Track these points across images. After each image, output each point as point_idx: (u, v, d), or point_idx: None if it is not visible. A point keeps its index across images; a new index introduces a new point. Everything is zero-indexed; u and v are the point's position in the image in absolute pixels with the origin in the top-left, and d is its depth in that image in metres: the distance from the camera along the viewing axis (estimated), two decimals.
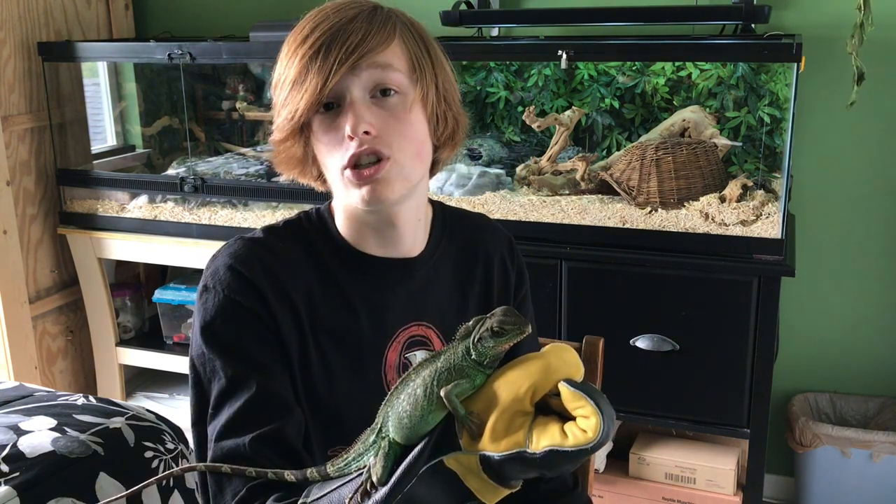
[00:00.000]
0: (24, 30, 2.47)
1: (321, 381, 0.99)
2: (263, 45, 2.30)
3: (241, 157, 2.61)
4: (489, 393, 0.74)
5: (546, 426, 0.71)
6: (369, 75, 0.92)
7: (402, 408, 0.76)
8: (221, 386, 0.93)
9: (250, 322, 0.95)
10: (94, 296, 2.61)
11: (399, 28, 0.96)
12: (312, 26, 0.93)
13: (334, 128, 0.94)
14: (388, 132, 0.93)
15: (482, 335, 0.75)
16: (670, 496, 2.16)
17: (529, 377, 0.72)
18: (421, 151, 0.98)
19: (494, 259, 1.14)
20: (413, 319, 1.05)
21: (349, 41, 0.91)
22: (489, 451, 0.72)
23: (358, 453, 0.81)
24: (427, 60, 0.98)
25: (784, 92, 2.03)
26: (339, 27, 0.92)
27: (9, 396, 1.58)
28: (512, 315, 0.75)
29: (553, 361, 0.73)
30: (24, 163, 2.50)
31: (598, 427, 0.68)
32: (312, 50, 0.92)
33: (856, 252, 2.31)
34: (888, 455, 2.13)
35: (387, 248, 1.04)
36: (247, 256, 0.97)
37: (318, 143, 0.97)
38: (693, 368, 1.99)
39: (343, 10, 0.94)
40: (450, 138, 1.02)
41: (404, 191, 0.97)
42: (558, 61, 1.98)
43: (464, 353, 0.75)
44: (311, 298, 0.99)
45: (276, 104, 0.99)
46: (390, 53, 0.94)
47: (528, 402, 0.72)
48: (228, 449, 0.90)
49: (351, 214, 1.03)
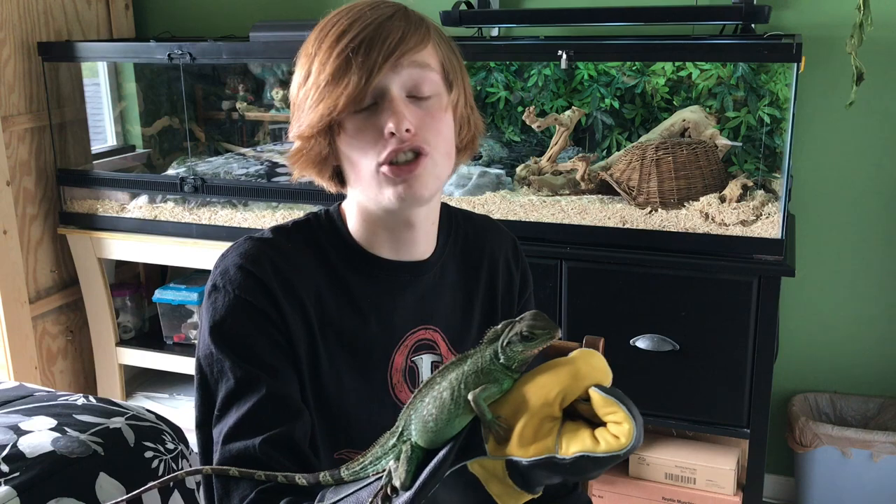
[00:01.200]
0: (24, 30, 2.47)
1: (329, 383, 0.98)
2: (263, 45, 2.30)
3: (241, 157, 2.61)
4: (517, 397, 0.72)
5: (576, 432, 0.70)
6: (409, 74, 0.92)
7: (426, 411, 0.75)
8: (230, 387, 0.91)
9: (261, 322, 0.94)
10: (94, 296, 2.61)
11: (432, 30, 0.96)
12: (349, 22, 0.92)
13: (370, 126, 0.92)
14: (425, 130, 0.93)
15: (511, 339, 0.73)
16: (670, 496, 2.16)
17: (559, 382, 0.71)
18: (451, 152, 0.99)
19: (499, 261, 1.13)
20: (420, 323, 1.05)
21: (391, 38, 0.91)
22: (517, 457, 0.71)
23: (375, 457, 0.80)
24: (457, 63, 0.99)
25: (784, 92, 2.03)
26: (380, 24, 0.92)
27: (9, 396, 1.58)
28: (542, 319, 0.74)
29: (582, 367, 0.72)
30: (24, 163, 2.50)
31: (630, 433, 0.68)
32: (353, 45, 0.90)
33: (856, 252, 2.31)
34: (888, 455, 2.13)
35: (399, 252, 1.03)
36: (257, 256, 0.96)
37: (349, 142, 0.95)
38: (693, 368, 1.99)
39: (379, 9, 0.94)
40: (470, 142, 1.03)
41: (435, 189, 0.97)
42: (558, 61, 1.98)
43: (492, 356, 0.74)
44: (321, 300, 0.98)
45: (299, 103, 0.96)
46: (427, 53, 0.94)
47: (557, 408, 0.71)
48: (237, 451, 0.88)
49: (367, 216, 1.02)
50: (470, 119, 1.01)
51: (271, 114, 2.60)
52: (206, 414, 0.95)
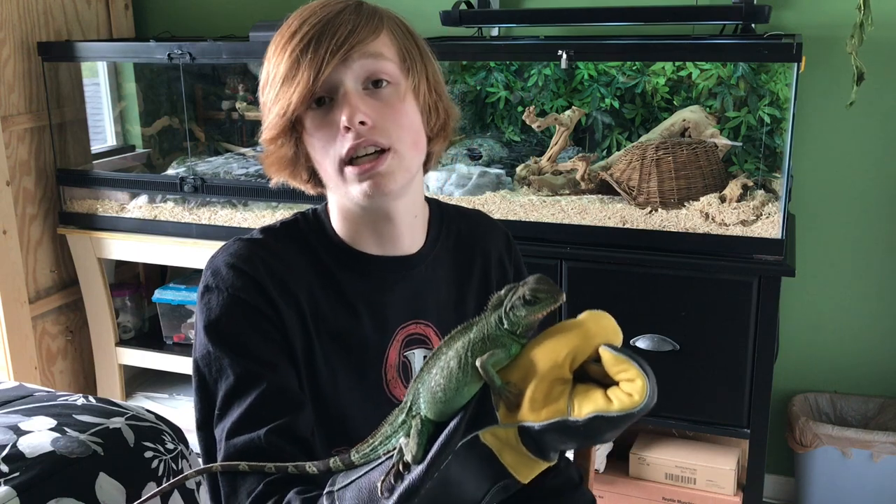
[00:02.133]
0: (24, 30, 2.47)
1: (325, 379, 0.98)
2: (263, 45, 2.27)
3: (241, 157, 2.61)
4: (526, 362, 0.71)
5: (588, 393, 0.68)
6: (361, 66, 0.92)
7: (434, 382, 0.73)
8: (230, 384, 0.91)
9: (256, 319, 0.93)
10: (93, 296, 2.61)
11: (386, 20, 0.96)
12: (300, 22, 0.93)
13: (328, 123, 0.93)
14: (384, 122, 0.92)
15: (514, 303, 0.72)
16: (670, 496, 2.16)
17: (568, 343, 0.70)
18: (418, 141, 0.98)
19: (492, 256, 1.13)
20: (412, 318, 1.05)
21: (339, 33, 0.91)
22: (529, 422, 0.69)
23: (385, 436, 0.78)
24: (416, 51, 0.98)
25: (784, 92, 2.03)
26: (328, 20, 0.92)
27: (9, 396, 1.58)
28: (545, 283, 0.72)
29: (592, 327, 0.70)
30: (24, 163, 2.49)
31: (644, 389, 0.67)
32: (302, 44, 0.91)
33: (856, 252, 2.30)
34: (888, 455, 2.13)
35: (384, 247, 1.03)
36: (248, 256, 0.96)
37: (311, 141, 0.95)
38: (693, 368, 1.99)
39: (329, 6, 0.94)
40: (442, 129, 1.02)
41: (405, 182, 0.96)
42: (558, 61, 1.98)
43: (497, 322, 0.73)
44: (314, 297, 0.98)
45: (265, 104, 0.98)
46: (380, 43, 0.94)
47: (568, 369, 0.69)
48: (242, 444, 0.88)
49: (347, 214, 1.02)
50: (438, 105, 1.00)
51: None
52: (206, 415, 0.94)
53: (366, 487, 0.76)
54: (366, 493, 0.76)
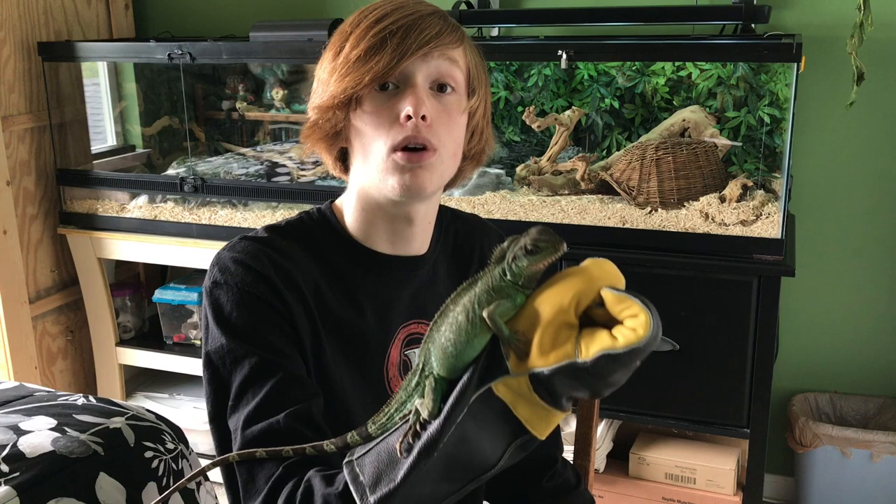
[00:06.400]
0: (24, 30, 2.47)
1: (331, 373, 0.98)
2: (263, 45, 2.30)
3: (241, 157, 2.61)
4: (531, 310, 0.71)
5: (594, 334, 0.69)
6: (437, 66, 0.95)
7: (444, 338, 0.74)
8: (244, 374, 0.91)
9: (267, 312, 0.94)
10: (94, 296, 2.61)
11: (466, 37, 0.99)
12: (391, 9, 0.95)
13: (388, 108, 0.94)
14: (439, 125, 0.95)
15: (516, 254, 0.73)
16: (670, 496, 2.16)
17: (572, 287, 0.70)
18: (457, 154, 1.00)
19: (488, 257, 1.14)
20: (413, 317, 1.06)
21: (428, 30, 0.94)
22: (538, 367, 0.70)
23: (400, 402, 0.79)
24: (483, 76, 1.02)
25: (784, 92, 2.03)
26: (420, 16, 0.95)
27: (9, 396, 1.58)
28: (546, 233, 0.72)
29: (595, 271, 0.71)
30: (24, 163, 2.49)
31: (647, 323, 0.67)
32: (392, 28, 0.93)
33: (856, 252, 2.31)
34: (888, 455, 2.13)
35: (396, 247, 1.04)
36: (255, 253, 0.97)
37: (364, 120, 0.96)
38: (693, 368, 1.99)
39: (421, 4, 0.97)
40: (478, 154, 1.05)
41: (437, 187, 0.98)
42: (558, 61, 1.98)
43: (500, 274, 0.74)
44: (320, 293, 0.99)
45: (324, 77, 0.98)
46: (459, 53, 0.97)
47: (573, 314, 0.70)
48: (260, 431, 0.88)
49: (367, 205, 1.02)
50: (484, 132, 1.03)
51: (271, 114, 2.60)
52: (219, 407, 0.94)
53: (384, 451, 0.76)
54: (385, 455, 0.76)
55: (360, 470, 0.77)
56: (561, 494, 1.12)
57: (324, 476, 0.82)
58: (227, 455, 0.88)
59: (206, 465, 0.85)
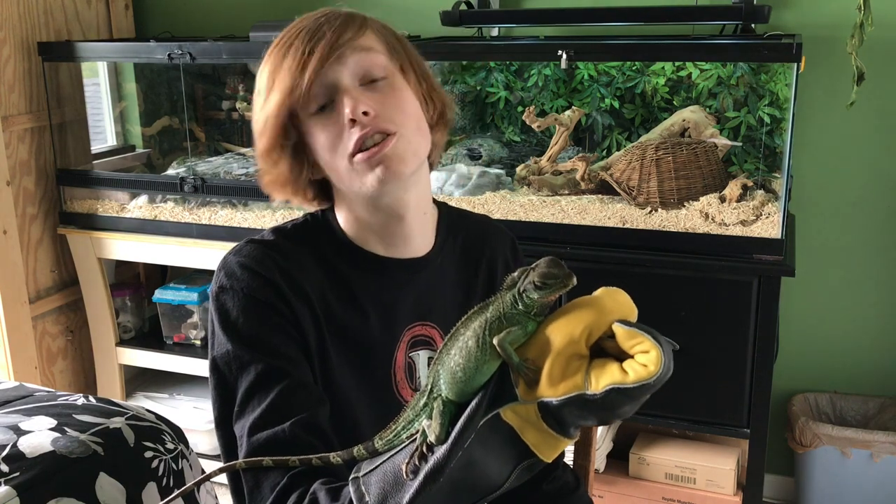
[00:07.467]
0: (24, 30, 2.47)
1: (338, 379, 0.98)
2: (263, 45, 2.27)
3: (241, 157, 2.61)
4: (542, 338, 0.72)
5: (604, 366, 0.69)
6: (355, 62, 0.95)
7: (454, 362, 0.74)
8: (251, 380, 0.91)
9: (273, 318, 0.94)
10: (94, 296, 2.61)
11: (369, 20, 1.00)
12: (294, 35, 0.96)
13: (332, 122, 0.95)
14: (386, 111, 0.94)
15: (526, 287, 0.73)
16: (670, 496, 2.16)
17: (584, 319, 0.71)
18: (421, 126, 1.00)
19: (498, 261, 1.14)
20: (418, 319, 1.05)
21: (329, 34, 0.94)
22: (547, 397, 0.70)
23: (408, 421, 0.79)
24: (400, 45, 1.01)
25: (784, 92, 2.03)
26: (317, 27, 0.95)
27: (9, 396, 1.58)
28: (555, 267, 0.73)
29: (607, 303, 0.72)
30: (24, 163, 2.50)
31: (658, 360, 0.67)
32: (299, 52, 0.94)
33: (856, 252, 2.30)
34: (888, 455, 2.13)
35: (394, 249, 1.04)
36: (261, 257, 0.97)
37: (318, 144, 0.97)
38: (693, 368, 1.98)
39: (316, 17, 0.98)
40: (440, 118, 1.04)
41: (415, 166, 0.98)
42: (558, 61, 1.98)
43: (512, 302, 0.74)
44: (325, 297, 0.99)
45: (259, 117, 0.99)
46: (368, 39, 0.97)
47: (584, 345, 0.70)
48: (266, 439, 0.88)
49: (358, 216, 1.02)
50: (432, 95, 1.03)
51: None
52: (225, 412, 0.94)
53: (391, 471, 0.77)
54: (391, 476, 0.76)
55: (365, 489, 0.77)
56: (561, 497, 1.12)
57: (329, 490, 0.82)
58: (234, 462, 0.88)
59: (212, 470, 0.85)
